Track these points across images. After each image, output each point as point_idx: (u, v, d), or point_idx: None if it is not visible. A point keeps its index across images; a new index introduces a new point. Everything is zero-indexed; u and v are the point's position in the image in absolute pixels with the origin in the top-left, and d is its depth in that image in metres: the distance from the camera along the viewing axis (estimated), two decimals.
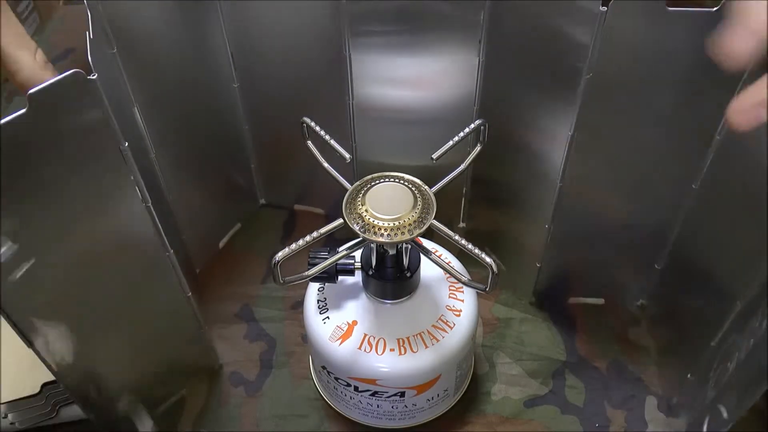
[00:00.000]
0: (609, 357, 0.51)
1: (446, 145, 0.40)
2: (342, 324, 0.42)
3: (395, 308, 0.42)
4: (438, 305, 0.43)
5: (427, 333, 0.42)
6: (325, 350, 0.42)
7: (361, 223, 0.36)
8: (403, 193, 0.37)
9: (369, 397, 0.43)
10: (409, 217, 0.36)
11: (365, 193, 0.37)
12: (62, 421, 0.48)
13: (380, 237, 0.35)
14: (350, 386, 0.43)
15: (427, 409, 0.46)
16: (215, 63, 0.49)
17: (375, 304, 0.42)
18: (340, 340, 0.42)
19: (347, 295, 0.43)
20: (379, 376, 0.42)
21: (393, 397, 0.43)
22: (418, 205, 0.36)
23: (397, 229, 0.35)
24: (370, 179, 0.38)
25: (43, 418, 0.47)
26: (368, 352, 0.41)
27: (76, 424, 0.47)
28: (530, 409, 0.48)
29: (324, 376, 0.45)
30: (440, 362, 0.42)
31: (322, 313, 0.43)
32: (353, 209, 0.36)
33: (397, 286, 0.41)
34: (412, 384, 0.42)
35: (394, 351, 0.41)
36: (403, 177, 0.38)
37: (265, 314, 0.54)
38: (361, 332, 0.42)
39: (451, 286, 0.44)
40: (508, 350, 0.52)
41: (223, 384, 0.50)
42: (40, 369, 0.39)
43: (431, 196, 0.37)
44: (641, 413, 0.48)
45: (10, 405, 0.45)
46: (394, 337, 0.42)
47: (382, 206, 0.36)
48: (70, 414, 0.47)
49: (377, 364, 0.41)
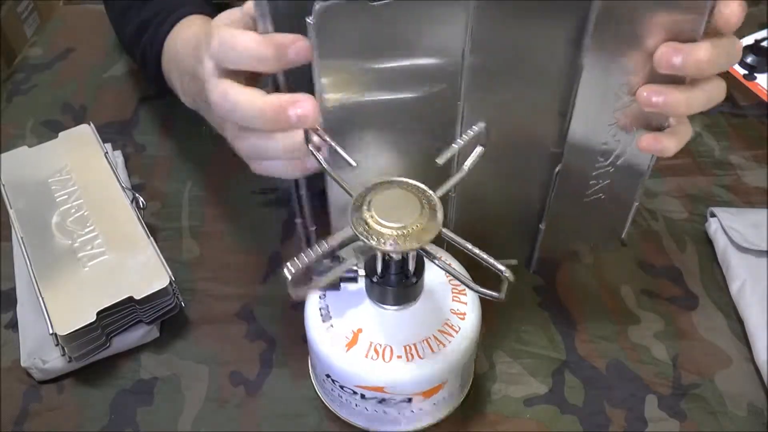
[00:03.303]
0: (609, 356, 0.51)
1: (450, 149, 0.38)
2: (347, 332, 0.42)
3: (400, 314, 0.41)
4: (442, 309, 0.43)
5: (433, 338, 0.41)
6: (330, 359, 0.42)
7: (367, 230, 0.35)
8: (410, 200, 0.36)
9: (376, 404, 0.43)
10: (416, 225, 0.35)
11: (371, 200, 0.36)
12: (115, 352, 0.51)
13: (387, 246, 0.34)
14: (357, 394, 0.42)
15: (433, 413, 0.46)
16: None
17: (380, 311, 0.42)
18: (345, 349, 0.41)
19: (350, 302, 0.42)
20: (387, 384, 0.41)
21: (401, 404, 0.43)
22: (425, 212, 0.35)
23: (404, 237, 0.34)
24: (376, 185, 0.37)
25: (98, 349, 0.50)
26: (375, 360, 0.40)
27: (126, 356, 0.51)
28: (530, 408, 0.49)
29: (328, 384, 0.44)
30: (448, 367, 0.42)
31: (325, 321, 0.42)
32: (359, 216, 0.35)
33: (402, 292, 0.40)
34: (420, 390, 0.42)
35: (402, 358, 0.41)
36: (409, 183, 0.37)
37: (265, 314, 0.54)
38: (367, 340, 0.41)
39: (453, 289, 0.44)
40: (507, 349, 0.52)
41: (223, 384, 0.50)
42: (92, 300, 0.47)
43: (437, 203, 0.36)
44: (641, 413, 0.48)
45: (66, 337, 0.47)
46: (400, 344, 0.41)
47: (388, 213, 0.35)
48: (122, 344, 0.51)
49: (386, 373, 0.40)
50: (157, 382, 0.50)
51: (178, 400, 0.49)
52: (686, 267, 0.57)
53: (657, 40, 0.39)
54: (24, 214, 0.55)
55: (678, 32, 0.39)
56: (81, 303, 0.48)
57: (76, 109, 0.71)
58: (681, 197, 0.62)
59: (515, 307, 0.54)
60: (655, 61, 0.39)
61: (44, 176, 0.58)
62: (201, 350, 0.52)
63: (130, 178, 0.63)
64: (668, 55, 0.39)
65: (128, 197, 0.56)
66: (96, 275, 0.51)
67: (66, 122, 0.70)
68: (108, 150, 0.61)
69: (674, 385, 0.49)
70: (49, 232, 0.54)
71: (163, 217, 0.61)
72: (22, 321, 0.52)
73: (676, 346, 0.52)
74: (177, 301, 0.52)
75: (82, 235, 0.53)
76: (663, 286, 0.55)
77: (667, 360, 0.51)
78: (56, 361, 0.49)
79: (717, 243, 0.56)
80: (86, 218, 0.54)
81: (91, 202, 0.56)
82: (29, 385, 0.50)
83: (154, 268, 0.51)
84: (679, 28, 0.39)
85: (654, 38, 0.39)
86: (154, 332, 0.52)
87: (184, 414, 0.49)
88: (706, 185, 0.63)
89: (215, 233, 0.60)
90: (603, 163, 0.47)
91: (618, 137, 0.45)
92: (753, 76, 0.72)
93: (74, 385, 0.50)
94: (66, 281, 0.50)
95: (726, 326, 0.53)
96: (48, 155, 0.60)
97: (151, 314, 0.51)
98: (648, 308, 0.54)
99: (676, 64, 0.39)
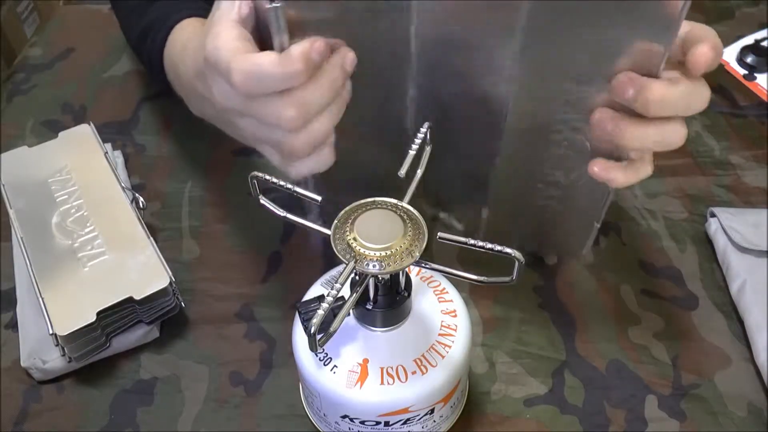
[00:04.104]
0: (609, 356, 0.51)
1: (408, 158, 0.39)
2: (353, 367, 0.40)
3: (400, 331, 0.41)
4: (435, 313, 0.42)
5: (437, 344, 0.41)
6: (345, 400, 0.40)
7: (351, 254, 0.34)
8: (393, 220, 0.36)
9: (400, 426, 0.42)
10: (401, 245, 0.35)
11: (353, 221, 0.35)
12: (115, 352, 0.51)
13: (371, 268, 0.34)
14: (380, 424, 0.41)
15: (451, 416, 0.46)
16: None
17: (380, 335, 0.41)
18: (359, 385, 0.40)
19: (344, 335, 0.41)
20: (411, 403, 0.40)
21: (424, 417, 0.42)
22: (409, 231, 0.35)
23: (389, 257, 0.34)
24: (357, 207, 0.37)
25: (98, 349, 0.50)
26: (392, 384, 0.40)
27: (126, 356, 0.51)
28: (530, 409, 0.49)
29: (345, 426, 0.42)
30: (460, 365, 0.41)
31: (327, 364, 0.40)
32: (342, 238, 0.35)
33: (398, 310, 0.40)
34: (441, 397, 0.42)
35: (416, 373, 0.40)
36: (390, 202, 0.37)
37: (265, 314, 0.54)
38: (377, 367, 0.40)
39: (435, 290, 0.44)
40: (507, 349, 0.52)
41: (222, 384, 0.50)
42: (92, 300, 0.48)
43: (419, 219, 0.36)
44: (641, 412, 0.48)
45: (66, 337, 0.47)
46: (410, 359, 0.40)
47: (371, 235, 0.35)
48: (122, 344, 0.51)
49: (407, 392, 0.40)
50: (157, 382, 0.50)
51: (178, 400, 0.49)
52: (686, 267, 0.57)
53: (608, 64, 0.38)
54: (24, 214, 0.55)
55: (639, 62, 0.38)
56: (81, 303, 0.48)
57: (76, 109, 0.71)
58: (681, 197, 0.62)
59: (515, 307, 0.54)
60: (612, 89, 0.39)
61: (44, 176, 0.58)
62: (201, 350, 0.52)
63: (130, 178, 0.64)
64: (624, 85, 0.38)
65: (128, 197, 0.56)
66: (96, 275, 0.51)
67: (66, 122, 0.70)
68: (108, 150, 0.61)
69: (674, 385, 0.49)
70: (49, 232, 0.54)
71: (163, 217, 0.61)
72: (22, 321, 0.52)
73: (676, 346, 0.52)
74: (177, 301, 0.52)
75: (82, 235, 0.53)
76: (663, 286, 0.55)
77: (667, 360, 0.51)
78: (56, 361, 0.49)
79: (717, 243, 0.56)
80: (86, 218, 0.54)
81: (91, 202, 0.56)
82: (29, 385, 0.50)
83: (154, 268, 0.51)
84: (641, 58, 0.38)
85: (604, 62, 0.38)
86: (154, 332, 0.52)
87: (184, 414, 0.49)
88: (706, 185, 0.63)
89: (215, 233, 0.60)
90: (551, 171, 0.47)
91: (570, 148, 0.44)
92: (753, 76, 0.72)
93: (74, 385, 0.50)
94: (66, 281, 0.50)
95: (726, 326, 0.53)
96: (48, 155, 0.60)
97: (151, 314, 0.51)
98: (648, 308, 0.54)
99: (629, 97, 0.38)
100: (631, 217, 0.60)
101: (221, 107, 0.41)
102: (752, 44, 0.74)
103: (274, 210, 0.40)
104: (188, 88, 0.49)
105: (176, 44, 0.53)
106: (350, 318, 0.41)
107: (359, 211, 0.36)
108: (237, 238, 0.60)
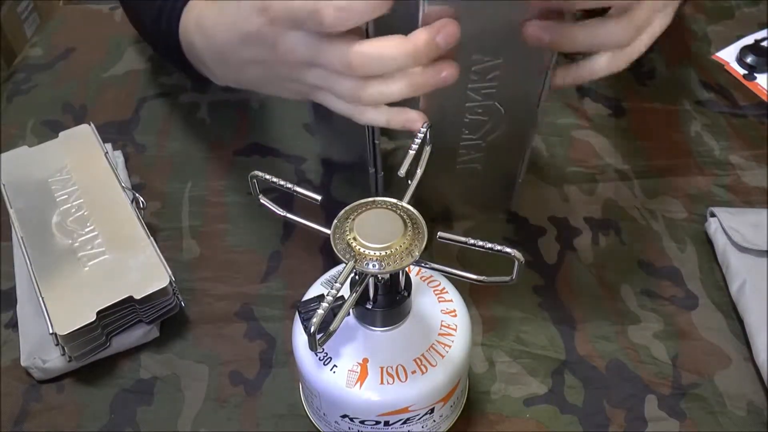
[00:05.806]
0: (609, 356, 0.51)
1: (408, 158, 0.39)
2: (353, 367, 0.40)
3: (400, 330, 0.41)
4: (434, 313, 0.42)
5: (437, 343, 0.41)
6: (345, 399, 0.40)
7: (351, 253, 0.34)
8: (392, 220, 0.36)
9: (400, 426, 0.42)
10: (401, 245, 0.35)
11: (353, 221, 0.35)
12: (115, 351, 0.51)
13: (371, 267, 0.34)
14: (379, 423, 0.41)
15: (451, 415, 0.46)
16: None
17: (379, 334, 0.41)
18: (359, 384, 0.40)
19: (344, 335, 0.41)
20: (411, 402, 0.40)
21: (424, 417, 0.42)
22: (409, 231, 0.35)
23: (389, 257, 0.34)
24: (357, 206, 0.37)
25: (98, 348, 0.50)
26: (392, 383, 0.40)
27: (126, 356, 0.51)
28: (530, 408, 0.49)
29: (344, 425, 0.43)
30: (460, 365, 0.41)
31: (326, 364, 0.40)
32: (342, 237, 0.35)
33: (398, 309, 0.40)
34: (441, 396, 0.42)
35: (416, 372, 0.40)
36: (390, 202, 0.37)
37: (265, 313, 0.54)
38: (376, 367, 0.40)
39: (434, 289, 0.44)
40: (507, 349, 0.52)
41: (222, 383, 0.50)
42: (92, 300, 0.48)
43: (419, 219, 0.36)
44: (641, 412, 0.48)
45: (66, 337, 0.47)
46: (410, 359, 0.40)
47: (371, 235, 0.35)
48: (122, 343, 0.51)
49: (407, 392, 0.40)
50: (157, 382, 0.50)
51: (177, 400, 0.49)
52: (686, 267, 0.57)
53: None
54: (24, 214, 0.55)
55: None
56: (81, 303, 0.48)
57: (76, 109, 0.71)
58: (681, 197, 0.62)
59: (515, 307, 0.54)
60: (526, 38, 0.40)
61: (44, 176, 0.58)
62: (201, 350, 0.52)
63: (130, 178, 0.64)
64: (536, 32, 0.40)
65: (128, 197, 0.56)
66: (96, 275, 0.51)
67: (66, 122, 0.70)
68: (108, 150, 0.61)
69: (674, 384, 0.49)
70: (49, 232, 0.54)
71: (163, 217, 0.61)
72: (22, 321, 0.52)
73: (676, 346, 0.52)
74: (177, 301, 0.52)
75: (82, 234, 0.53)
76: (663, 286, 0.55)
77: (667, 360, 0.51)
78: (56, 360, 0.49)
79: (717, 243, 0.56)
80: (86, 218, 0.55)
81: (91, 202, 0.56)
82: (29, 385, 0.50)
83: (154, 268, 0.51)
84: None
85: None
86: (154, 332, 0.52)
87: (183, 414, 0.49)
88: (706, 185, 0.63)
89: (215, 233, 0.60)
90: (470, 136, 0.50)
91: (486, 114, 0.48)
92: (753, 76, 0.72)
93: (74, 385, 0.50)
94: (66, 281, 0.50)
95: (726, 326, 0.53)
96: (48, 155, 0.60)
97: (151, 314, 0.51)
98: (648, 308, 0.54)
99: (544, 41, 0.40)
100: (631, 217, 0.60)
101: (285, 60, 0.42)
102: (752, 44, 0.74)
103: (274, 210, 0.40)
104: (218, 58, 0.50)
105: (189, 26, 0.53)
106: (350, 317, 0.40)
107: (359, 211, 0.36)
108: (237, 238, 0.60)
